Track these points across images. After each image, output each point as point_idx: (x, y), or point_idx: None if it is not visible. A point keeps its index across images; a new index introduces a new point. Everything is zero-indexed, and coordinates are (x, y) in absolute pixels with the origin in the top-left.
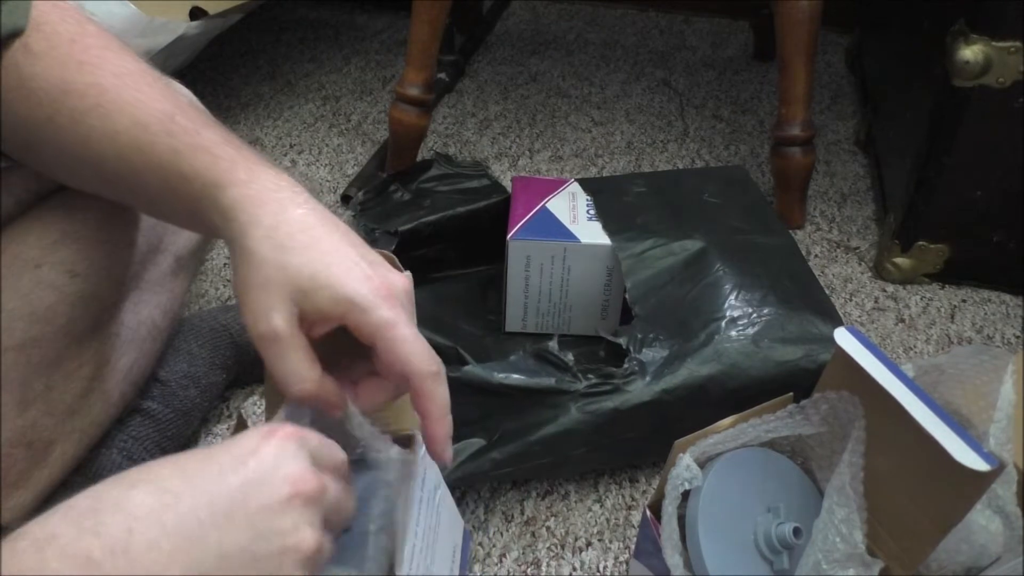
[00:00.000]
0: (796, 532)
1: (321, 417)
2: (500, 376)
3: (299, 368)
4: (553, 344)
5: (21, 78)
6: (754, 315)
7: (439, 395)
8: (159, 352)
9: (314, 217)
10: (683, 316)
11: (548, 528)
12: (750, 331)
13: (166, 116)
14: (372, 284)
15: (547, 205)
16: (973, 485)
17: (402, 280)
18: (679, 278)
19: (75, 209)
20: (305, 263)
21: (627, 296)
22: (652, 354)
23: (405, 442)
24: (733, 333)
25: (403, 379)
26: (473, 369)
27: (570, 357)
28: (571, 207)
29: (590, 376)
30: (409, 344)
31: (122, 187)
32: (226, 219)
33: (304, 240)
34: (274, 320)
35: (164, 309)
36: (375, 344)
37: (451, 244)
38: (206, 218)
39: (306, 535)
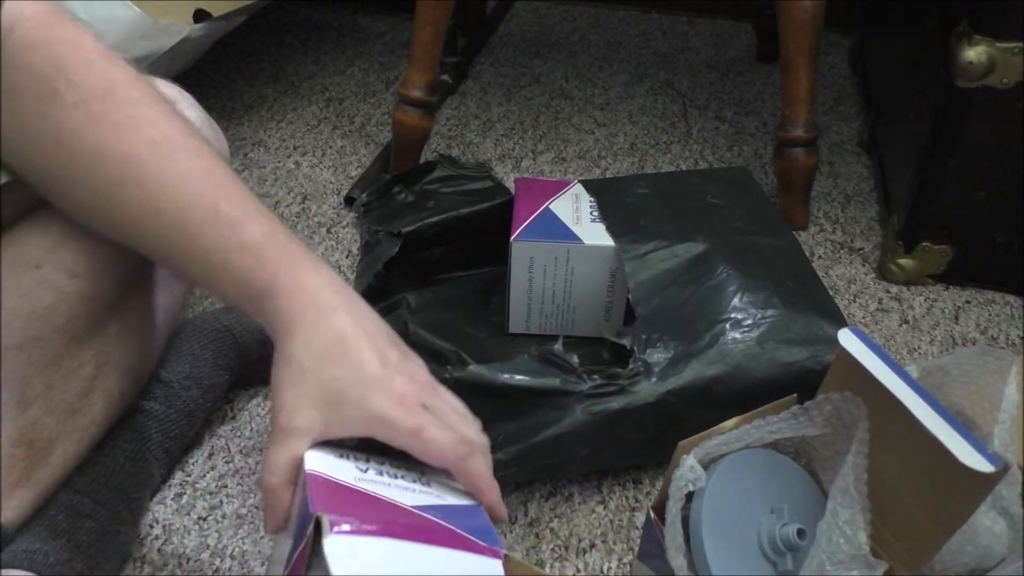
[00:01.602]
0: (800, 533)
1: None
2: (504, 377)
3: (283, 464)
4: (558, 347)
5: (57, 131)
6: (758, 316)
7: (478, 471)
8: (161, 352)
9: (349, 322)
10: (687, 317)
11: (552, 529)
12: (755, 332)
13: (211, 204)
14: (394, 397)
15: (550, 207)
16: (977, 486)
17: (418, 372)
18: (682, 280)
19: None
20: (337, 377)
21: (630, 297)
22: (657, 355)
23: None
24: (738, 334)
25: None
26: (478, 369)
27: (575, 359)
28: (574, 208)
29: (595, 377)
30: (435, 444)
31: (157, 256)
32: (269, 324)
33: (336, 352)
34: (297, 419)
35: (165, 309)
36: (407, 450)
37: (455, 246)
38: (248, 312)
39: None
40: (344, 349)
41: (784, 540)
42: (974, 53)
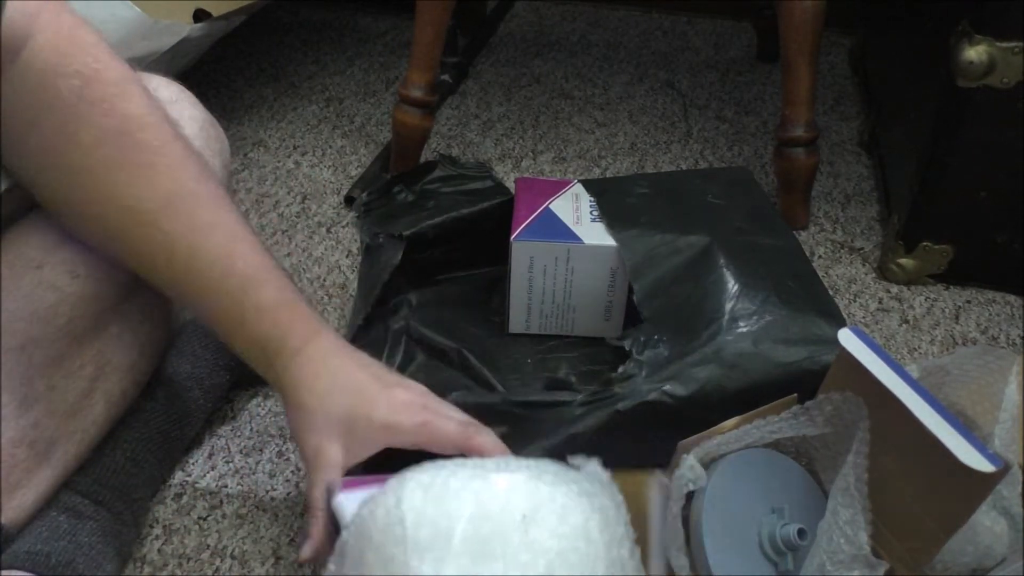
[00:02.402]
0: (801, 533)
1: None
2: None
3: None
4: (569, 378)
5: (74, 169)
6: (757, 316)
7: (489, 443)
8: (162, 352)
9: (345, 361)
10: (686, 317)
11: None
12: (752, 332)
13: (227, 261)
14: (396, 405)
15: (550, 206)
16: (978, 486)
17: (414, 385)
18: (683, 277)
19: None
20: (340, 404)
21: (635, 299)
22: (653, 355)
23: None
24: (737, 334)
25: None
26: (470, 397)
27: (573, 379)
28: (574, 208)
29: (594, 384)
30: (442, 431)
31: (169, 293)
32: (277, 377)
33: (336, 387)
34: (321, 457)
35: (166, 309)
36: (420, 447)
37: (455, 245)
38: (253, 363)
39: None
40: (343, 382)
41: (785, 540)
42: (974, 53)
